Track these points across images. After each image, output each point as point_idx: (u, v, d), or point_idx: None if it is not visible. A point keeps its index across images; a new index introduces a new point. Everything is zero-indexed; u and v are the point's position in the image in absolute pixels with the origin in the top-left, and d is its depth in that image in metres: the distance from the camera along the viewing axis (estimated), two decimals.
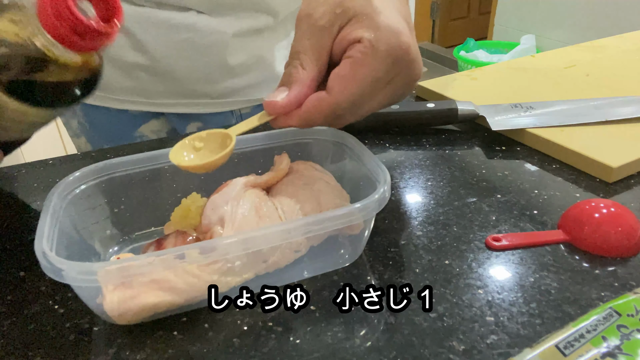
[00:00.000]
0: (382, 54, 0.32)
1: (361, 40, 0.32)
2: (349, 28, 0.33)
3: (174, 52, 0.58)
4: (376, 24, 0.32)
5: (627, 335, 0.26)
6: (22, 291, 0.35)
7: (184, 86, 0.61)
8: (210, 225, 0.34)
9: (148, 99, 0.62)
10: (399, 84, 0.35)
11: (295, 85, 0.34)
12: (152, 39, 0.57)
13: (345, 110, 0.34)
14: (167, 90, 0.61)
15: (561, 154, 0.48)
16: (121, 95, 0.62)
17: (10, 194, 0.47)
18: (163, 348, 0.30)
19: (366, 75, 0.33)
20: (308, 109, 0.34)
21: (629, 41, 0.79)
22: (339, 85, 0.33)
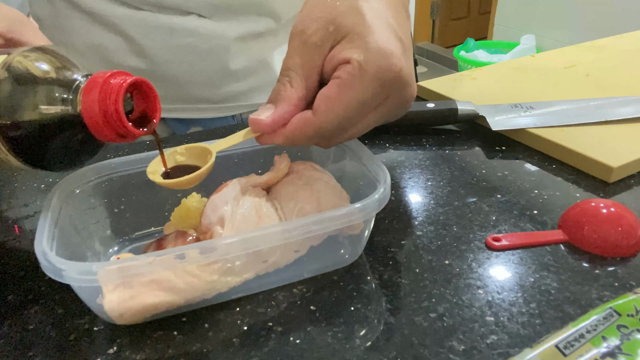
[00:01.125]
0: (370, 77, 0.31)
1: (350, 61, 0.31)
2: (340, 47, 0.32)
3: (175, 56, 0.58)
4: (367, 44, 0.31)
5: (627, 335, 0.26)
6: (22, 291, 0.35)
7: (184, 91, 0.61)
8: (210, 225, 0.34)
9: None
10: (389, 107, 0.34)
11: (281, 104, 0.33)
12: (152, 44, 0.57)
13: (330, 132, 0.33)
14: (168, 95, 0.61)
15: (561, 154, 0.48)
16: None
17: (11, 194, 0.47)
18: (163, 348, 0.30)
19: (352, 98, 0.32)
20: (293, 129, 0.33)
21: (629, 41, 0.79)
22: (324, 106, 0.32)
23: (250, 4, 0.58)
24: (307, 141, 0.34)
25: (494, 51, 2.70)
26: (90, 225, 0.37)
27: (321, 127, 0.32)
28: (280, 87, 0.34)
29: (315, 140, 0.34)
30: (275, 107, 0.33)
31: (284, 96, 0.33)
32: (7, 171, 0.50)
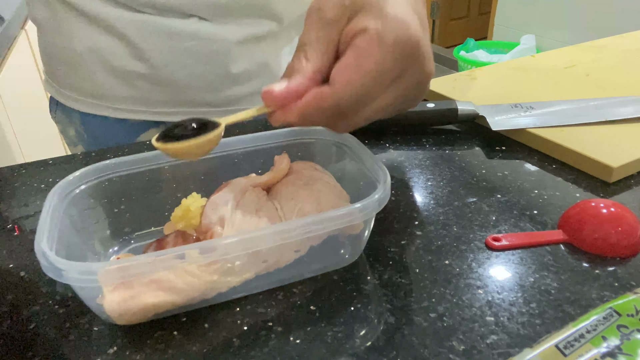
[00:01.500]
0: (389, 45, 0.30)
1: (367, 30, 0.30)
2: (356, 20, 0.31)
3: (175, 60, 0.57)
4: (384, 13, 0.30)
5: (627, 335, 0.26)
6: (22, 291, 0.35)
7: (185, 95, 0.60)
8: (210, 225, 0.34)
9: (148, 108, 0.61)
10: (408, 82, 0.32)
11: (296, 76, 0.32)
12: (152, 47, 0.56)
13: (348, 108, 0.31)
14: (168, 99, 0.60)
15: (561, 154, 0.48)
16: (120, 105, 0.60)
17: (11, 194, 0.47)
18: (163, 348, 0.30)
19: (371, 67, 0.30)
20: (308, 103, 0.31)
21: (629, 41, 0.79)
22: (341, 77, 0.30)
23: (251, 6, 0.58)
24: (322, 117, 0.32)
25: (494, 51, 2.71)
26: (90, 225, 0.37)
27: (339, 99, 0.31)
28: (295, 61, 0.32)
29: (331, 118, 0.32)
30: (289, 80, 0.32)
31: (298, 69, 0.32)
32: (7, 171, 0.50)
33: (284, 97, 0.31)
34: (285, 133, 0.41)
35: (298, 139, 0.42)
